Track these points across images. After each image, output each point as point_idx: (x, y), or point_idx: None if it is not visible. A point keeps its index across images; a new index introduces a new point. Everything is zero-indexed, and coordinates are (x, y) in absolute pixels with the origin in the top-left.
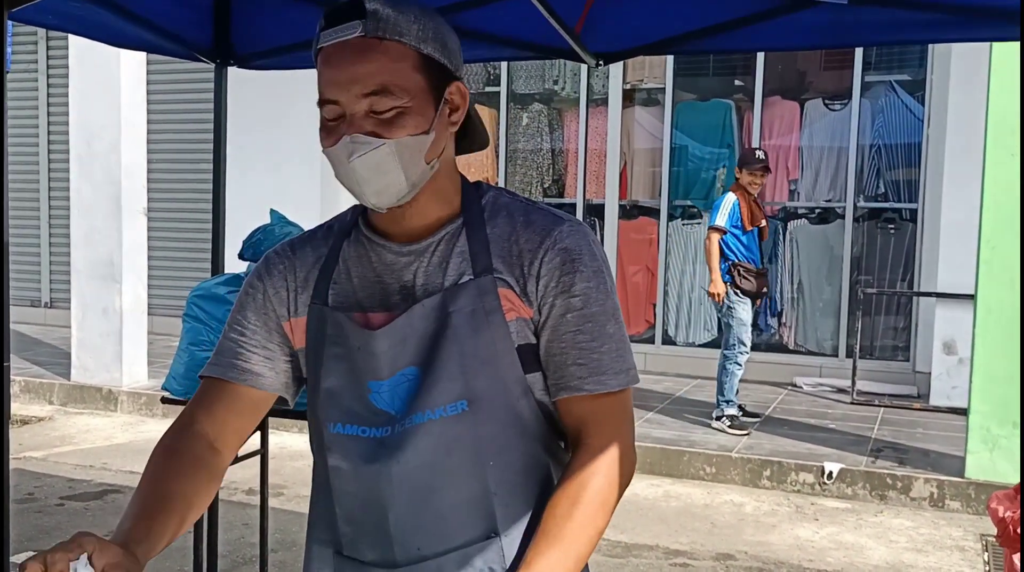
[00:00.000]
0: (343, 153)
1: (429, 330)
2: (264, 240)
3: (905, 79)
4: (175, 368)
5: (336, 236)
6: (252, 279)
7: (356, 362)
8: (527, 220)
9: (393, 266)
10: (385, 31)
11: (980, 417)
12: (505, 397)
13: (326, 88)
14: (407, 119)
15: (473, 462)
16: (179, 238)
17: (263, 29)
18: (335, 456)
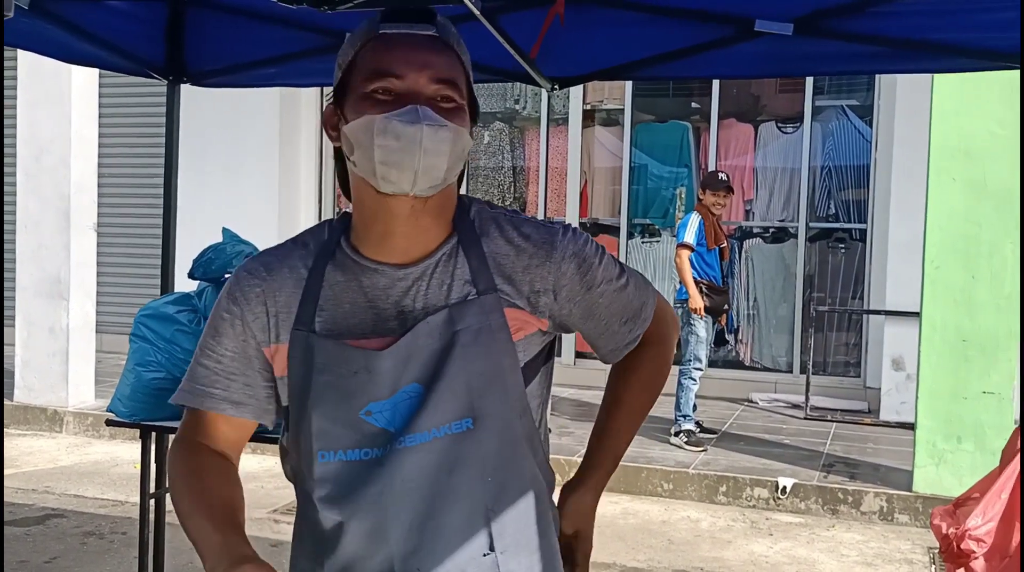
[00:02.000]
0: (407, 117)
1: (434, 347)
2: (215, 259)
3: (854, 104)
4: (121, 389)
5: (316, 257)
6: (226, 303)
7: (351, 387)
8: (523, 234)
9: (388, 291)
10: (453, 42)
11: (926, 432)
12: (508, 415)
13: (392, 63)
14: (462, 117)
15: (474, 480)
16: (130, 255)
17: (217, 47)
18: (326, 486)
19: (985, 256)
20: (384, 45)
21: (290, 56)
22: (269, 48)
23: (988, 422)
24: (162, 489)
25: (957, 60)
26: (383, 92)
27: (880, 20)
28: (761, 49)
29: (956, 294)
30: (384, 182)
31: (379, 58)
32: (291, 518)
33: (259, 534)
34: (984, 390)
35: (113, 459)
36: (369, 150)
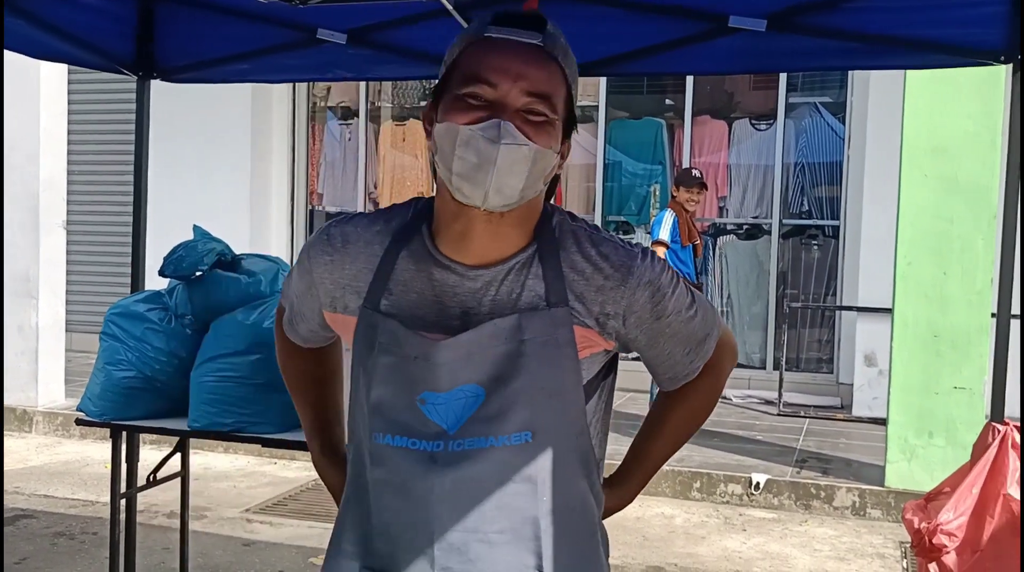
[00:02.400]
0: (489, 133)
1: (498, 351)
2: (186, 257)
3: (827, 101)
4: (91, 388)
5: (393, 238)
6: (303, 258)
7: (410, 372)
8: (601, 253)
9: (456, 290)
10: (558, 53)
11: (898, 427)
12: (566, 432)
13: (488, 70)
14: (551, 132)
15: (528, 494)
16: (100, 253)
17: (188, 42)
18: (380, 468)
19: (956, 252)
20: (485, 50)
21: (261, 51)
22: (240, 44)
23: (959, 417)
24: (133, 489)
25: (932, 56)
26: (474, 98)
27: (854, 16)
28: (735, 45)
29: (928, 290)
30: (458, 193)
31: (477, 62)
32: (264, 517)
33: (232, 533)
34: (955, 385)
35: (84, 459)
36: (449, 159)
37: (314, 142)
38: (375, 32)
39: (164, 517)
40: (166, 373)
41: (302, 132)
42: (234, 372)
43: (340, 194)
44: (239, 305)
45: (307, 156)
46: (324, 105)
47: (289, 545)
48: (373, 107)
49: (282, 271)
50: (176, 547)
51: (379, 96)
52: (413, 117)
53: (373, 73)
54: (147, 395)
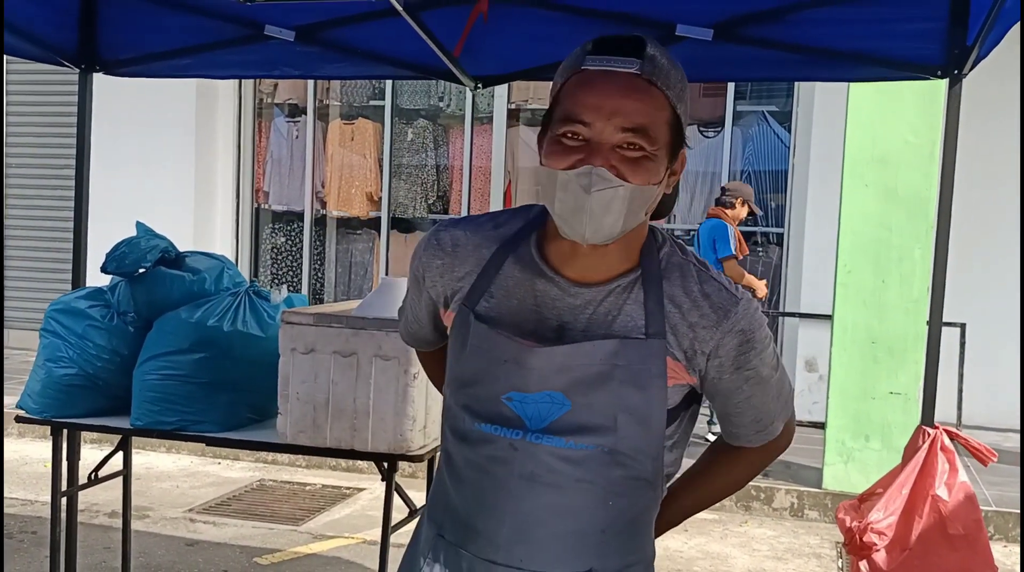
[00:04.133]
0: (582, 181)
1: (591, 371)
2: (129, 253)
3: (773, 110)
4: (31, 385)
5: (501, 244)
6: (415, 264)
7: (498, 372)
8: (703, 292)
9: (557, 303)
10: (657, 78)
11: (836, 431)
12: (645, 454)
13: (582, 110)
14: (648, 166)
15: (596, 499)
16: (39, 248)
17: (131, 35)
18: (466, 448)
19: (895, 261)
20: (582, 84)
21: (207, 47)
22: (185, 38)
23: (895, 421)
24: (74, 487)
25: (872, 69)
26: (571, 137)
27: (797, 28)
28: (682, 54)
29: (866, 297)
30: (560, 230)
31: (573, 101)
32: (207, 517)
33: (174, 533)
34: (891, 391)
35: (22, 457)
36: (551, 200)
37: (260, 139)
38: (323, 30)
39: (105, 516)
40: (108, 371)
41: (248, 129)
42: (177, 370)
43: (287, 192)
44: (183, 303)
45: (253, 153)
46: (271, 102)
47: (233, 545)
48: (321, 105)
49: (227, 269)
50: (118, 546)
51: (327, 94)
52: (362, 115)
53: (321, 71)
54: (88, 393)
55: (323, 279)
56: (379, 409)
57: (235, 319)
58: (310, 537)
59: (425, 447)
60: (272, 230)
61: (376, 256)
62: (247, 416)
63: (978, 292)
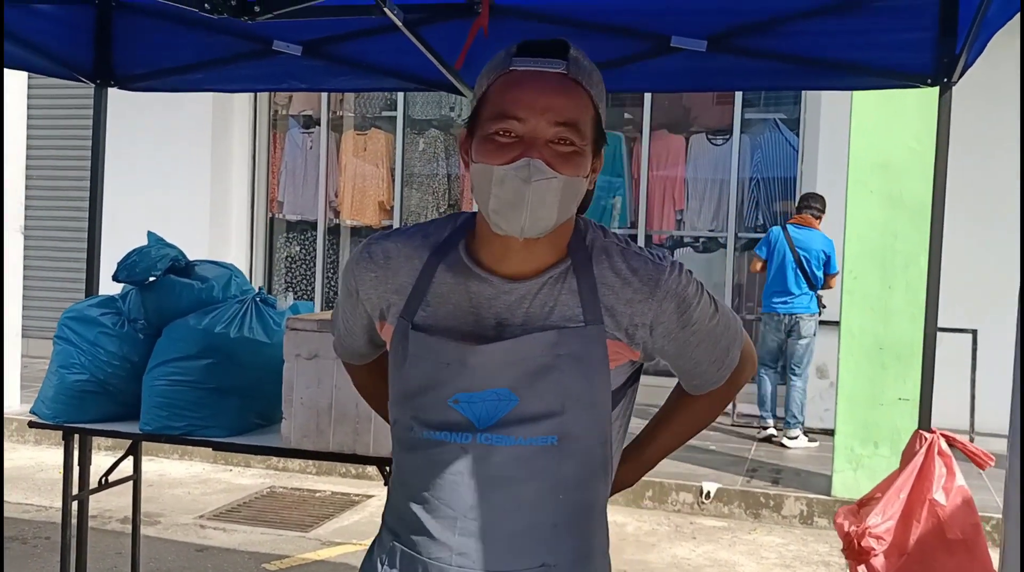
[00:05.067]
0: (521, 173)
1: (534, 362)
2: (140, 262)
3: (781, 117)
4: (44, 391)
5: (432, 253)
6: (348, 278)
7: (443, 376)
8: (631, 268)
9: (492, 301)
10: (582, 78)
11: (845, 437)
12: (591, 440)
13: (514, 106)
14: (578, 160)
15: (547, 494)
16: (58, 258)
17: (145, 51)
18: (417, 456)
19: (901, 267)
20: (512, 84)
21: (217, 62)
22: (196, 53)
23: (904, 428)
24: (85, 491)
25: (864, 78)
26: (504, 134)
27: (788, 39)
28: (678, 64)
29: (873, 303)
30: (496, 227)
31: (504, 99)
32: (217, 523)
33: (185, 539)
34: (899, 396)
35: (38, 464)
36: (486, 195)
37: (275, 150)
38: (329, 45)
39: (117, 523)
40: (118, 377)
41: (263, 140)
42: (186, 376)
43: (300, 202)
44: (191, 310)
45: (268, 164)
46: (286, 113)
47: (242, 551)
48: (335, 116)
49: (235, 277)
50: (128, 552)
51: (341, 106)
52: (375, 126)
53: (327, 84)
54: (99, 398)
55: (336, 287)
56: None
57: (242, 326)
58: (319, 543)
59: None
60: (286, 239)
61: None
62: (253, 421)
63: (990, 298)
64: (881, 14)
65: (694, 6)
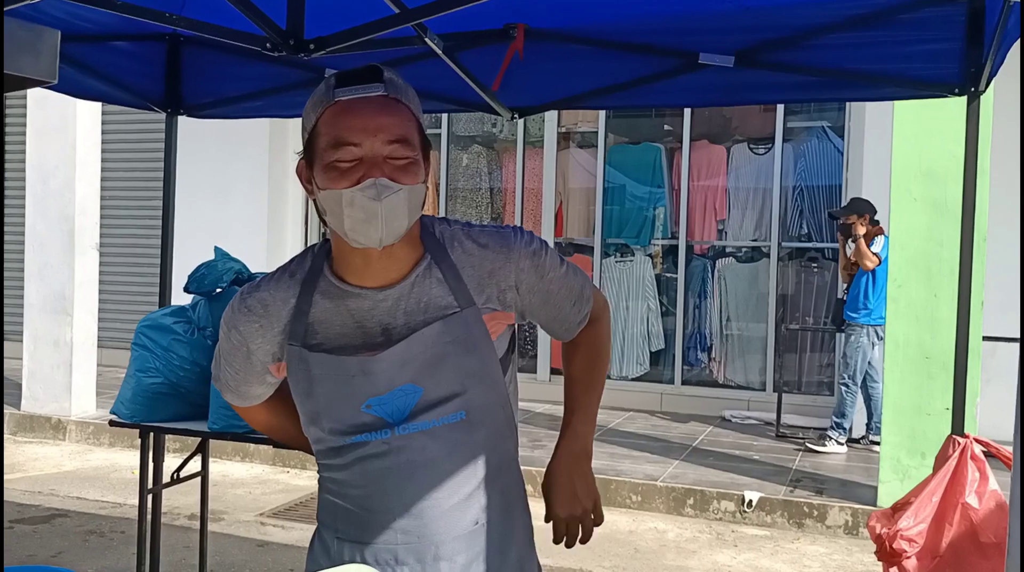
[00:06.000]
0: (369, 193)
1: (427, 354)
2: (208, 274)
3: (825, 124)
4: (123, 393)
5: (302, 285)
6: (233, 333)
7: (350, 389)
8: (480, 244)
9: (372, 312)
10: (401, 95)
11: (891, 448)
12: (493, 406)
13: (347, 132)
14: (415, 169)
15: (467, 462)
16: (129, 273)
17: (210, 82)
18: (342, 459)
19: (947, 274)
20: (340, 113)
21: (275, 90)
22: (257, 83)
23: None
24: (158, 486)
25: (891, 89)
26: (344, 160)
27: (815, 52)
28: (706, 80)
29: (918, 311)
30: (355, 242)
31: (337, 127)
32: (276, 521)
33: (246, 535)
34: (947, 406)
35: (112, 465)
36: (339, 218)
37: None
38: None
39: (185, 519)
40: (189, 380)
41: None
42: None
43: None
44: None
45: None
46: None
47: (299, 547)
48: None
49: None
50: (195, 546)
51: None
52: None
53: None
54: (172, 400)
55: None
56: None
57: None
58: None
59: None
60: None
61: None
62: None
63: None
64: (908, 26)
65: (720, 24)
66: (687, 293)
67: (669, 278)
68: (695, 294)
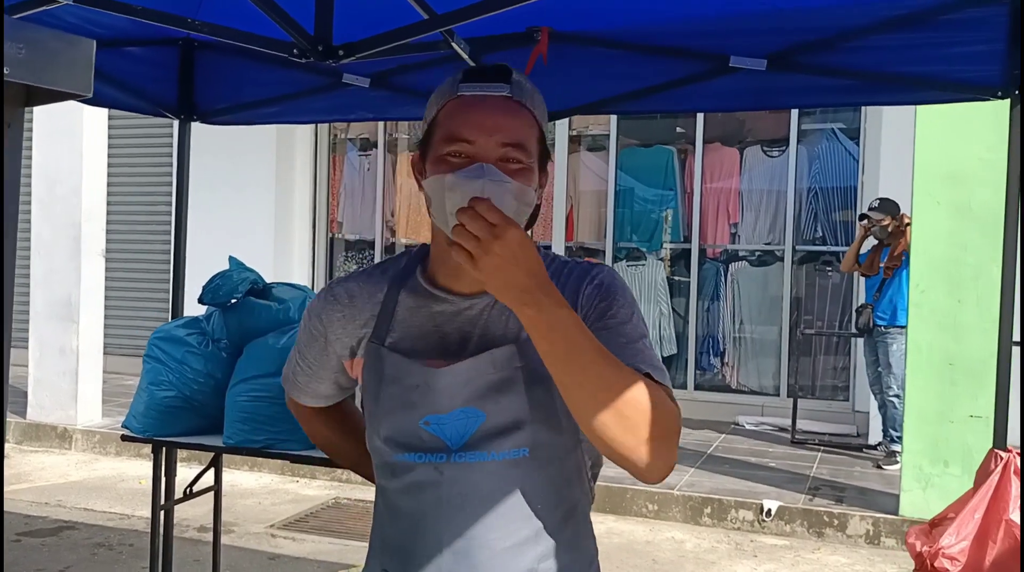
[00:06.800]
0: (474, 173)
1: (494, 377)
2: (223, 285)
3: (840, 126)
4: (135, 406)
5: (391, 282)
6: (314, 321)
7: (412, 399)
8: (567, 271)
9: (454, 318)
10: (526, 99)
11: (913, 456)
12: (562, 447)
13: (464, 128)
14: (527, 175)
15: (525, 503)
16: (135, 280)
17: (224, 88)
18: (395, 480)
19: (970, 279)
20: (460, 108)
21: (290, 96)
22: (271, 88)
23: (975, 446)
24: (170, 501)
25: (930, 92)
26: (456, 155)
27: (852, 55)
28: (737, 84)
29: (941, 317)
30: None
31: (454, 122)
32: (287, 533)
33: (257, 547)
34: (971, 414)
35: (119, 475)
36: (442, 204)
37: (334, 172)
38: (395, 76)
39: (195, 531)
40: (204, 393)
41: (323, 163)
42: (266, 392)
43: (359, 222)
44: (270, 330)
45: (328, 186)
46: (344, 137)
47: (311, 560)
48: (391, 138)
49: (308, 298)
50: (206, 559)
51: (396, 128)
52: None
53: (393, 113)
54: (186, 413)
55: None
56: None
57: None
58: None
59: None
60: (345, 258)
61: None
62: None
63: None
64: (947, 27)
65: (753, 26)
66: (699, 297)
67: (681, 282)
68: (707, 298)
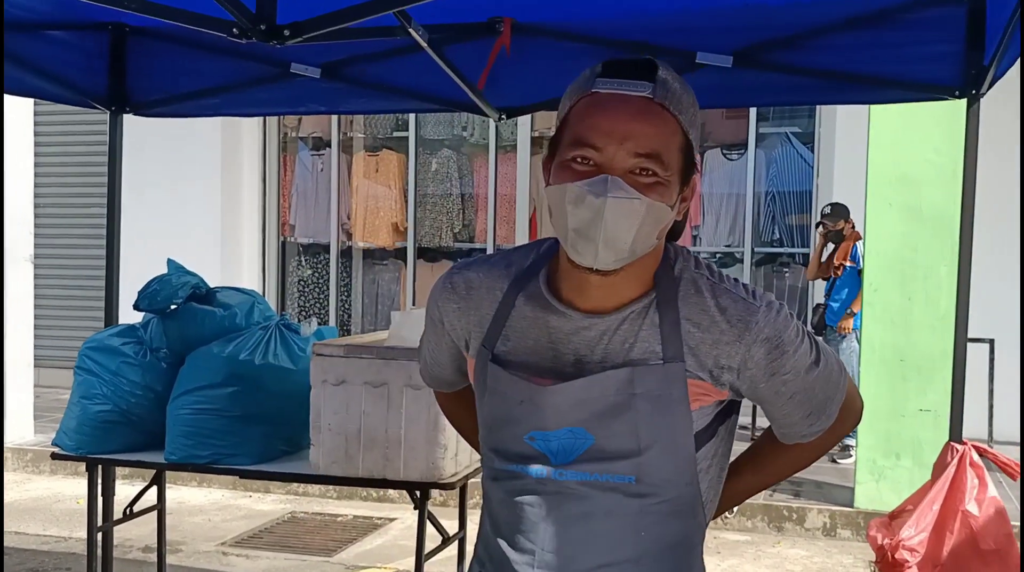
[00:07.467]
0: (596, 187)
1: (607, 401)
2: (161, 290)
3: (796, 131)
4: (66, 422)
5: (513, 280)
6: (432, 307)
7: (516, 414)
8: (719, 306)
9: (572, 337)
10: (670, 102)
11: (867, 449)
12: (673, 482)
13: (591, 132)
14: (661, 190)
15: (626, 529)
16: (68, 286)
17: (160, 77)
18: (498, 487)
19: (920, 279)
20: (593, 107)
21: (234, 86)
22: (212, 78)
23: (925, 439)
24: (109, 523)
25: (890, 92)
26: (582, 161)
27: (815, 53)
28: (703, 81)
29: (893, 315)
30: (573, 251)
31: (583, 125)
32: (240, 550)
33: (208, 567)
34: (921, 408)
35: (55, 495)
36: (563, 217)
37: (285, 173)
38: (348, 66)
39: (139, 551)
40: (142, 406)
41: (273, 163)
42: (210, 404)
43: (312, 225)
44: (215, 338)
45: (278, 187)
46: (295, 135)
47: None
48: (345, 137)
49: (257, 304)
50: None
51: (351, 126)
52: (386, 147)
53: (346, 106)
54: (123, 428)
55: (350, 310)
56: (411, 438)
57: (266, 352)
58: (343, 568)
59: (457, 475)
60: (299, 263)
61: (403, 286)
62: (280, 448)
63: (1007, 307)
64: (908, 27)
65: (719, 23)
66: None
67: None
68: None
